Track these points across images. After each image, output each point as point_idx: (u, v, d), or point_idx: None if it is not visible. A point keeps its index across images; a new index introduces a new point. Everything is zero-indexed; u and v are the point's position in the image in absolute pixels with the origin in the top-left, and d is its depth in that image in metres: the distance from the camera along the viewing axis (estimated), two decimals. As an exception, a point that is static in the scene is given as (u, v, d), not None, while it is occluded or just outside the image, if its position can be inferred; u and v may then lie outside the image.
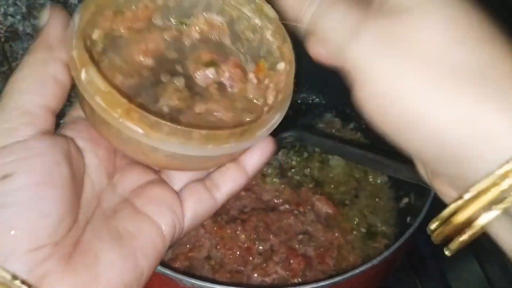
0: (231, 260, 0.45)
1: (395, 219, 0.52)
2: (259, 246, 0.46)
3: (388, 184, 0.55)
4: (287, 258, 0.46)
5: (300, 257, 0.46)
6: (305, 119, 0.62)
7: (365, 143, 0.60)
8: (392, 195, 0.54)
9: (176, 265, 0.45)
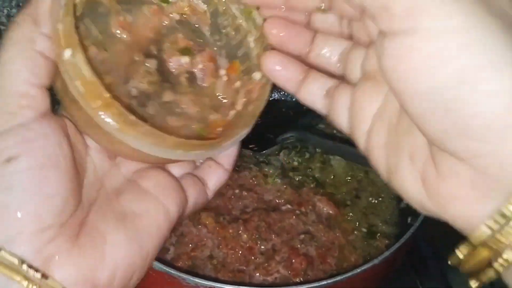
0: (233, 260, 0.46)
1: (396, 219, 0.52)
2: (261, 245, 0.47)
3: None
4: (288, 257, 0.46)
5: (301, 257, 0.46)
6: (305, 119, 0.61)
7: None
8: (393, 195, 0.54)
9: (179, 265, 0.45)
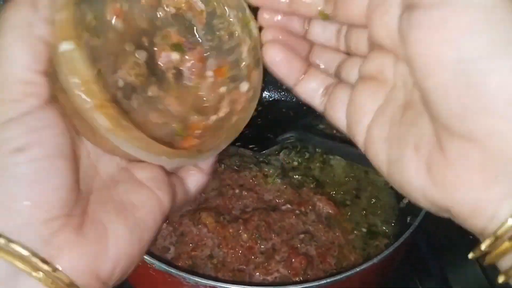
0: (233, 259, 0.46)
1: (396, 219, 0.52)
2: (261, 245, 0.47)
3: (388, 184, 0.55)
4: (288, 257, 0.46)
5: (301, 256, 0.46)
6: (305, 119, 0.62)
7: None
8: (393, 195, 0.54)
9: (179, 264, 0.45)
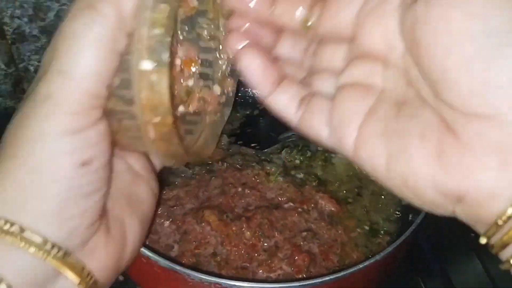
0: (237, 257, 0.46)
1: (397, 217, 0.52)
2: (264, 243, 0.47)
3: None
4: (291, 254, 0.46)
5: (304, 254, 0.46)
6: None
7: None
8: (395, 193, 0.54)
9: (182, 262, 0.45)
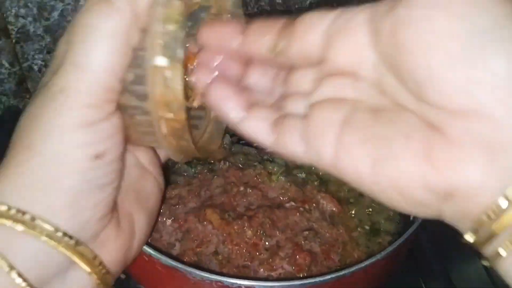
0: (238, 256, 0.46)
1: (399, 217, 0.53)
2: (265, 242, 0.47)
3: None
4: (293, 253, 0.46)
5: (305, 253, 0.46)
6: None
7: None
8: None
9: (184, 260, 0.46)
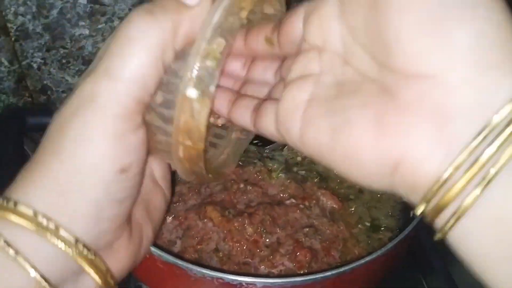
0: (239, 253, 0.46)
1: (399, 213, 0.53)
2: (266, 239, 0.47)
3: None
4: (293, 250, 0.46)
5: (306, 250, 0.46)
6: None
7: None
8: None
9: (185, 257, 0.46)
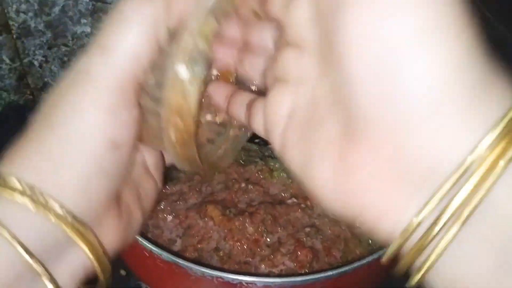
0: (239, 252, 0.46)
1: (401, 214, 0.52)
2: (266, 238, 0.47)
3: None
4: (294, 250, 0.46)
5: (307, 249, 0.46)
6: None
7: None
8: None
9: (185, 256, 0.46)
